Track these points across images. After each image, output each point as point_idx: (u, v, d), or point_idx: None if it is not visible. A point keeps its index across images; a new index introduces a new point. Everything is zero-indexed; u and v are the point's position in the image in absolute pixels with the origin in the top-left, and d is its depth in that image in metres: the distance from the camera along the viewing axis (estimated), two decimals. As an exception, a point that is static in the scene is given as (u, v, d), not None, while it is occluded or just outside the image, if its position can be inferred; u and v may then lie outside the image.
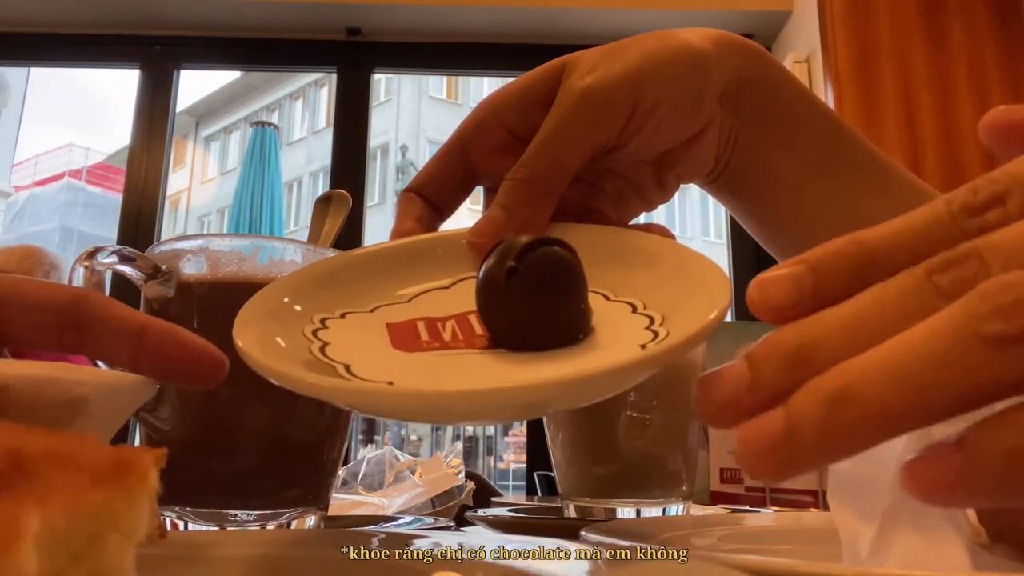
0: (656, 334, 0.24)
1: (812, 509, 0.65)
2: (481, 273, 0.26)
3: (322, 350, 0.26)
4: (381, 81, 11.86)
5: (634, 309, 0.27)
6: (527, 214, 0.32)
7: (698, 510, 0.58)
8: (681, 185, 0.40)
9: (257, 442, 0.39)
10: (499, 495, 1.36)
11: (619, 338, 0.25)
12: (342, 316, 0.29)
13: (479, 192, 0.40)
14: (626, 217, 0.39)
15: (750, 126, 0.39)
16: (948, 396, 0.15)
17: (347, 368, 0.24)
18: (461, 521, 0.62)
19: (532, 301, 0.25)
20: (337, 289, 0.30)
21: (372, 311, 0.30)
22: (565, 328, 0.26)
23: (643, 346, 0.23)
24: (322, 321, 0.28)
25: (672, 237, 0.32)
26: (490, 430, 9.62)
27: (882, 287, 0.17)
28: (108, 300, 0.26)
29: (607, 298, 0.29)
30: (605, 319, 0.27)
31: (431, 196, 0.37)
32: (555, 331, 0.25)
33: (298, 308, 0.28)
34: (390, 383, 0.23)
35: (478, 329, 0.27)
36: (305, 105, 14.61)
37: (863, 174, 0.41)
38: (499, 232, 0.31)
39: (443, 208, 0.37)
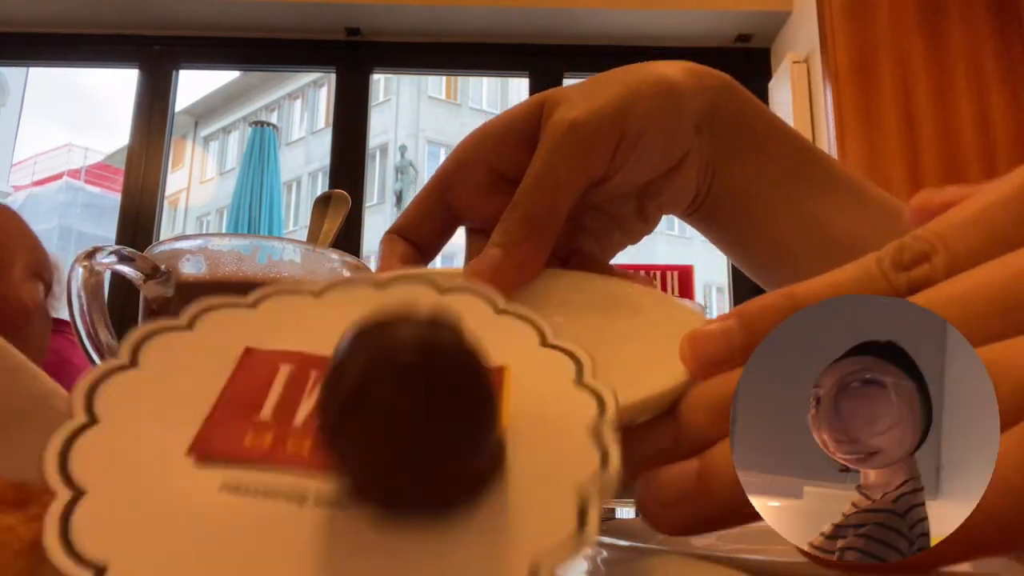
0: None
1: (811, 509, 0.65)
2: (328, 371, 0.15)
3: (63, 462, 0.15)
4: (380, 81, 11.88)
5: None
6: (525, 252, 0.31)
7: (697, 510, 0.58)
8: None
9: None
10: (498, 495, 1.35)
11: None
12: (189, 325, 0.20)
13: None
14: (609, 252, 0.39)
15: (724, 154, 0.39)
16: None
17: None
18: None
19: (382, 455, 0.14)
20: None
21: (253, 305, 0.22)
22: (436, 494, 0.15)
23: None
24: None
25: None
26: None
27: None
28: None
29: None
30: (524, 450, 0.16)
31: (413, 238, 0.36)
32: (420, 498, 0.15)
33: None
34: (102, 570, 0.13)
35: None
36: (304, 105, 14.62)
37: (835, 194, 0.41)
38: (496, 271, 0.31)
39: (426, 251, 0.37)
